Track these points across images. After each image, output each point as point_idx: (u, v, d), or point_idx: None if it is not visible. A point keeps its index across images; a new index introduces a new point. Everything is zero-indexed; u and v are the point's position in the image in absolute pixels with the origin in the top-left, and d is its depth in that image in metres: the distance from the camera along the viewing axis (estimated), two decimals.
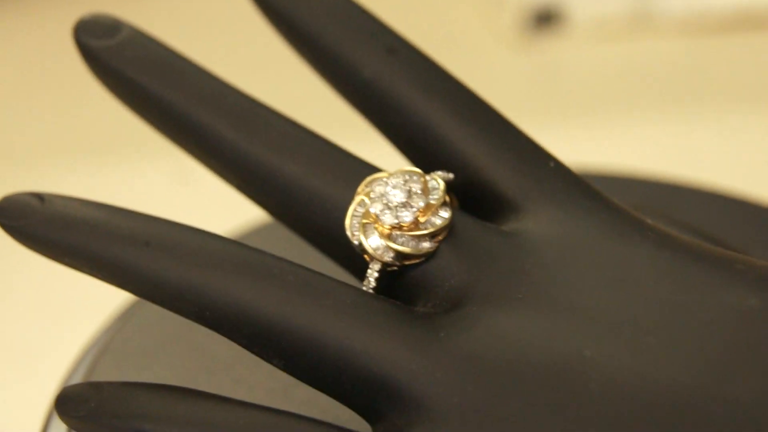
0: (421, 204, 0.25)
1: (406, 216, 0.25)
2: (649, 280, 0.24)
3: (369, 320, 0.24)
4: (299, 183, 0.26)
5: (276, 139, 0.27)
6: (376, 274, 0.25)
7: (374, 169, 0.27)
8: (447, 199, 0.26)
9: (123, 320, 0.35)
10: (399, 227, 0.25)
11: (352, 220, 0.25)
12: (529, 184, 0.26)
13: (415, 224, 0.25)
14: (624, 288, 0.24)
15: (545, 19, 0.68)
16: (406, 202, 0.25)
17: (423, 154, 0.27)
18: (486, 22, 0.70)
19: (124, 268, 0.25)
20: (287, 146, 0.27)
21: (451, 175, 0.26)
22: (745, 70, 0.67)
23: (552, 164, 0.27)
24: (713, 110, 0.64)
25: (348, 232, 0.25)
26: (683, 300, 0.24)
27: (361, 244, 0.25)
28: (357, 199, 0.26)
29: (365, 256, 0.25)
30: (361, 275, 0.26)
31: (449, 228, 0.25)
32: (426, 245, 0.25)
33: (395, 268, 0.25)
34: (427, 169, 0.27)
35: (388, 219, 0.25)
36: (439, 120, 0.27)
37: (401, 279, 0.25)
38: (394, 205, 0.25)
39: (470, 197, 0.27)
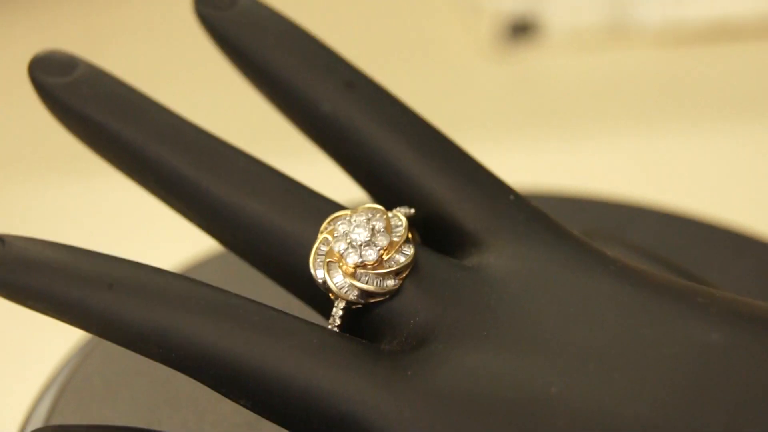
0: (385, 242, 0.25)
1: (370, 255, 0.25)
2: (611, 314, 0.24)
3: (336, 360, 0.24)
4: (262, 221, 0.26)
5: (238, 176, 0.27)
6: (340, 312, 0.25)
7: (337, 206, 0.27)
8: (409, 235, 0.26)
9: (83, 354, 0.34)
10: (363, 265, 0.25)
11: (315, 258, 0.26)
12: (489, 218, 0.27)
13: (379, 262, 0.25)
14: (587, 322, 0.24)
15: (522, 30, 0.69)
16: (370, 240, 0.25)
17: (383, 188, 0.28)
18: (463, 32, 0.70)
19: (87, 311, 0.25)
20: (249, 184, 0.27)
21: (412, 211, 0.27)
22: (719, 81, 0.68)
23: (512, 197, 0.27)
24: (688, 120, 0.65)
25: (312, 271, 0.26)
26: (646, 334, 0.24)
27: (325, 282, 0.25)
28: (320, 237, 0.26)
29: (330, 294, 0.25)
30: (326, 313, 0.26)
31: (413, 265, 0.25)
32: (390, 283, 0.25)
33: (360, 305, 0.25)
34: (388, 203, 0.27)
35: (352, 258, 0.25)
36: (400, 154, 0.27)
37: (366, 316, 0.26)
38: (358, 243, 0.25)
39: (432, 231, 0.27)
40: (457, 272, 0.26)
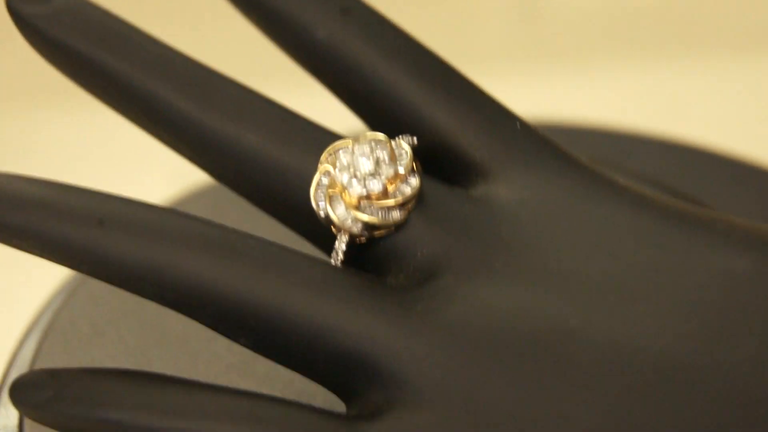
0: (390, 172, 0.24)
1: (375, 185, 0.24)
2: (629, 244, 0.23)
3: (341, 295, 0.23)
4: (258, 153, 0.25)
5: (231, 106, 0.25)
6: (344, 247, 0.24)
7: (336, 137, 0.25)
8: (414, 165, 0.25)
9: (68, 294, 0.33)
10: (367, 197, 0.24)
11: (317, 191, 0.24)
12: (496, 146, 0.25)
13: (384, 193, 0.24)
14: (605, 253, 0.23)
15: None
16: (374, 170, 0.24)
17: (384, 118, 0.26)
18: None
19: (76, 249, 0.23)
20: (243, 114, 0.25)
21: (415, 140, 0.25)
22: (725, 13, 0.66)
23: (519, 125, 0.26)
24: (693, 51, 0.64)
25: (313, 204, 0.24)
26: (667, 264, 0.23)
27: (327, 216, 0.24)
28: (321, 168, 0.24)
29: (332, 228, 0.24)
30: (327, 247, 0.25)
31: (418, 196, 0.24)
32: (396, 215, 0.24)
33: (363, 239, 0.24)
34: (389, 133, 0.26)
35: (357, 189, 0.24)
36: (400, 82, 0.26)
37: (370, 251, 0.24)
38: (362, 174, 0.24)
39: (435, 161, 0.26)
40: (465, 203, 0.25)
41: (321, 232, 0.25)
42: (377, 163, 0.24)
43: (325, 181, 0.24)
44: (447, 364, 0.22)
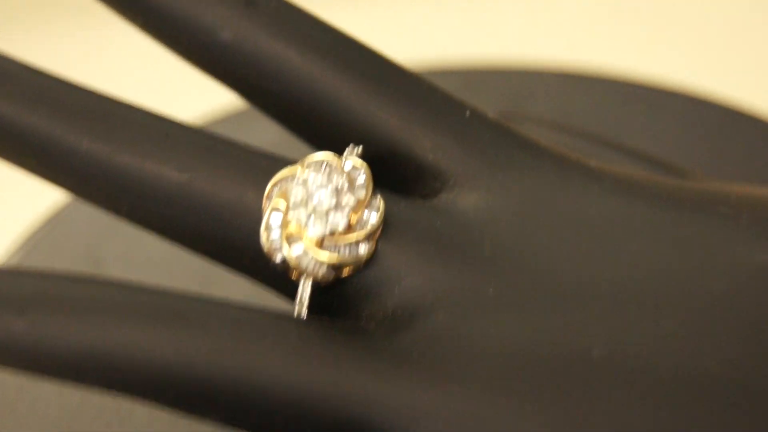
0: (352, 201, 0.21)
1: (340, 221, 0.21)
2: (632, 244, 0.20)
3: (325, 356, 0.20)
4: (185, 190, 0.21)
5: (144, 139, 0.22)
6: (308, 294, 0.21)
7: (276, 160, 0.22)
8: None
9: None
10: (331, 235, 0.21)
11: (269, 233, 0.21)
12: (450, 143, 0.22)
13: (349, 227, 0.21)
14: (608, 258, 0.20)
15: None
16: (337, 203, 0.21)
17: (313, 125, 0.23)
18: None
19: None
20: (161, 147, 0.22)
21: (360, 149, 0.22)
22: None
23: (468, 113, 0.23)
24: None
25: (264, 247, 0.21)
26: (681, 264, 0.20)
27: (285, 261, 0.21)
28: (269, 205, 0.21)
29: (291, 274, 0.21)
30: (281, 289, 0.22)
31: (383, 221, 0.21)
32: (363, 249, 0.21)
33: (329, 281, 0.21)
34: (322, 142, 0.22)
35: (318, 229, 0.20)
36: (327, 81, 0.23)
37: (337, 291, 0.21)
38: (323, 210, 0.21)
39: (382, 169, 0.23)
40: (434, 219, 0.21)
41: (272, 274, 0.21)
42: (336, 192, 0.21)
43: (277, 220, 0.21)
44: (461, 418, 0.19)
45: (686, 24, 0.51)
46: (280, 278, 0.21)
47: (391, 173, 0.22)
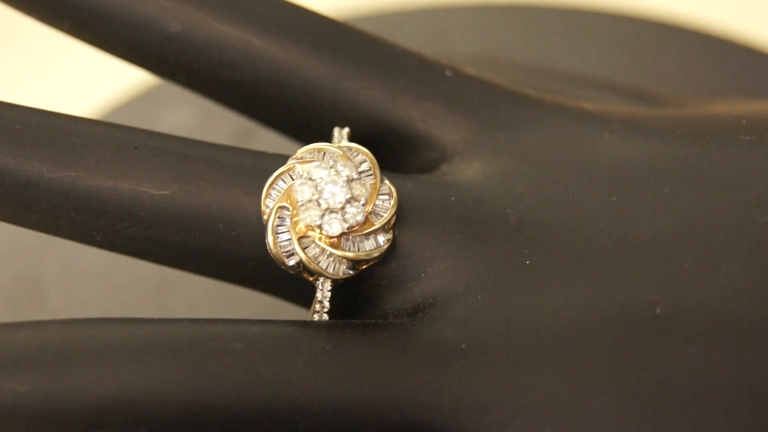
0: (364, 191, 0.19)
1: (358, 215, 0.19)
2: (664, 190, 0.19)
3: (367, 361, 0.18)
4: (170, 207, 0.19)
5: (110, 157, 0.19)
6: (328, 294, 0.19)
7: (261, 158, 0.20)
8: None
9: None
10: (348, 231, 0.19)
11: (275, 237, 0.19)
12: (439, 108, 0.21)
13: (366, 219, 0.19)
14: (643, 209, 0.19)
15: None
16: (350, 196, 0.19)
17: (284, 111, 0.21)
18: None
19: None
20: (132, 163, 0.19)
21: (347, 130, 0.20)
22: None
23: (449, 73, 0.21)
24: None
25: (274, 254, 0.19)
26: (726, 204, 0.19)
27: (301, 263, 0.19)
28: (273, 207, 0.19)
29: (306, 276, 0.19)
30: (290, 295, 0.20)
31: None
32: (382, 240, 0.19)
33: (348, 278, 0.19)
34: (302, 130, 0.21)
35: (335, 226, 0.19)
36: (294, 60, 0.21)
37: (357, 287, 0.19)
38: (339, 205, 0.19)
39: (372, 146, 0.21)
40: (446, 194, 0.20)
41: (277, 280, 0.20)
42: (348, 184, 0.19)
43: (285, 223, 0.19)
44: (533, 403, 0.18)
45: None
46: (286, 283, 0.19)
47: (383, 151, 0.21)
